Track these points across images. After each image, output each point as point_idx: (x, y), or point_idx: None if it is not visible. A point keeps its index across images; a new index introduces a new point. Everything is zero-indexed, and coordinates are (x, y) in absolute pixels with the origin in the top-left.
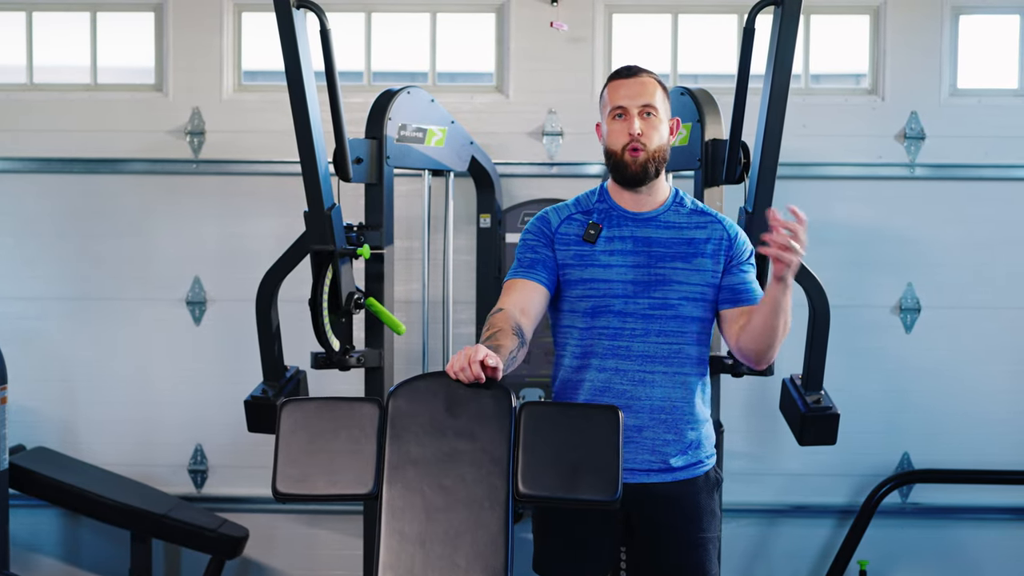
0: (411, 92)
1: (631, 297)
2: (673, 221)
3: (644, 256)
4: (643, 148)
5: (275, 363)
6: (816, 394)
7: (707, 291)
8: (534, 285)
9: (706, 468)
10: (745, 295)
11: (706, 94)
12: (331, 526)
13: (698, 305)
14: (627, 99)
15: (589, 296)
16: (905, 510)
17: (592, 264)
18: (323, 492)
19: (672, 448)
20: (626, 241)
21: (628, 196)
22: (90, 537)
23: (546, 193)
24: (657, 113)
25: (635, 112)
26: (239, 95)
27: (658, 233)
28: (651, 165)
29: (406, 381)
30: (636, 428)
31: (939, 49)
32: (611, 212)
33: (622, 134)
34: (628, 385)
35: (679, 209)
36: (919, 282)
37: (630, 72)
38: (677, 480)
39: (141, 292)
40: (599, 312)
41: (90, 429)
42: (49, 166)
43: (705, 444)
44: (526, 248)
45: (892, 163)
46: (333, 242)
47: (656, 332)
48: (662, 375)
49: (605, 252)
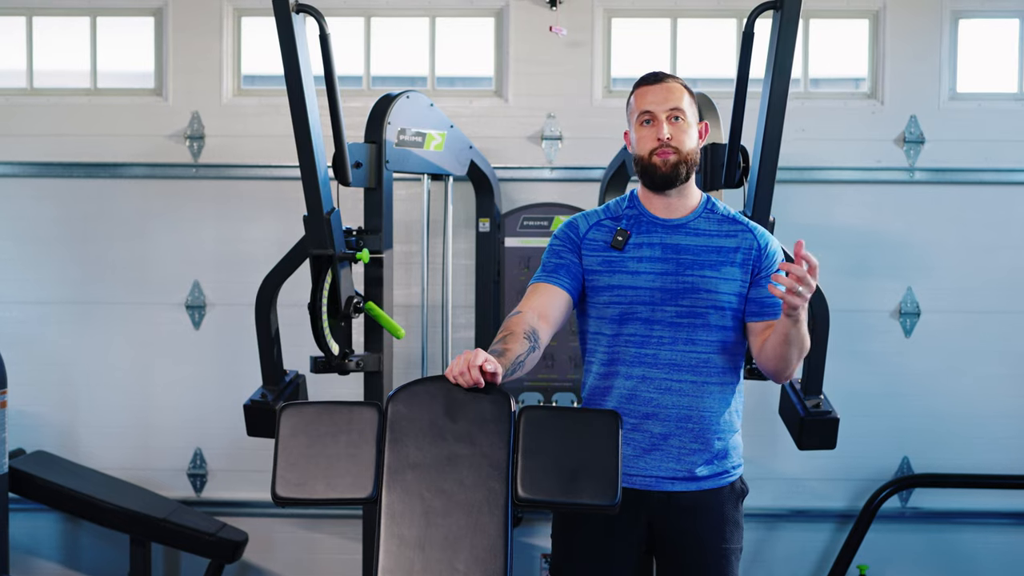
0: (410, 96)
1: (658, 304)
2: (703, 228)
3: (672, 263)
4: (674, 151)
5: (274, 367)
6: (816, 398)
7: (736, 300)
8: (556, 290)
9: (732, 478)
10: (771, 308)
11: (705, 98)
12: (330, 530)
13: (726, 314)
14: (654, 104)
15: (616, 303)
16: (905, 515)
17: (620, 271)
18: (322, 496)
19: (698, 457)
20: (655, 248)
21: (658, 202)
22: (89, 541)
23: (545, 197)
24: (685, 117)
25: (663, 117)
26: (239, 99)
27: (687, 240)
28: (682, 168)
29: (405, 385)
30: (662, 436)
31: (939, 53)
32: (640, 218)
33: (650, 139)
34: (655, 393)
35: (710, 216)
36: (919, 286)
37: (656, 78)
38: (702, 489)
39: (141, 296)
40: (626, 319)
41: (90, 433)
42: (49, 170)
43: (732, 454)
44: (552, 253)
45: (891, 167)
46: (332, 246)
47: (683, 340)
48: (690, 384)
49: (633, 259)
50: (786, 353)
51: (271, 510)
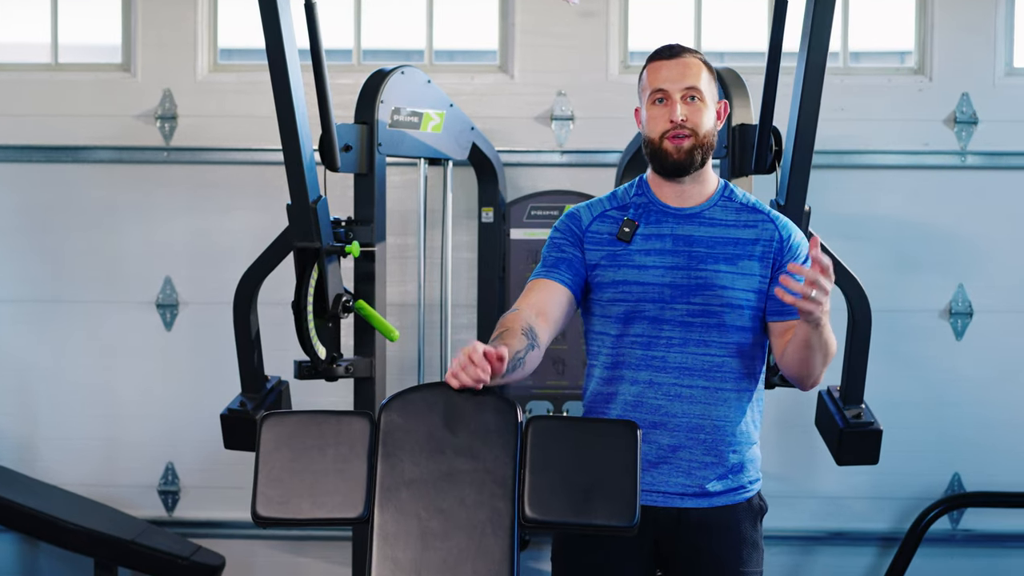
0: (405, 72)
1: (667, 302)
2: (719, 218)
3: (684, 256)
4: (690, 134)
5: (254, 373)
6: (856, 408)
7: (754, 298)
8: (555, 286)
9: (749, 494)
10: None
11: (733, 74)
12: (316, 553)
13: (743, 313)
14: (669, 82)
15: (621, 300)
16: (955, 537)
17: (625, 265)
18: (308, 516)
19: (711, 472)
20: (665, 240)
21: (669, 189)
22: (49, 564)
23: (555, 184)
24: (703, 96)
25: (678, 96)
26: (215, 76)
27: (701, 231)
28: (697, 153)
29: (400, 393)
30: (671, 448)
31: (993, 23)
32: (650, 207)
33: (662, 120)
34: (663, 400)
35: (727, 204)
36: (971, 283)
37: (672, 52)
38: (715, 506)
39: (106, 294)
40: (632, 318)
41: (49, 446)
42: (4, 154)
43: (749, 468)
44: (552, 247)
45: (940, 151)
46: (319, 239)
47: (695, 342)
48: (701, 390)
49: (641, 252)
50: (808, 358)
51: (251, 531)
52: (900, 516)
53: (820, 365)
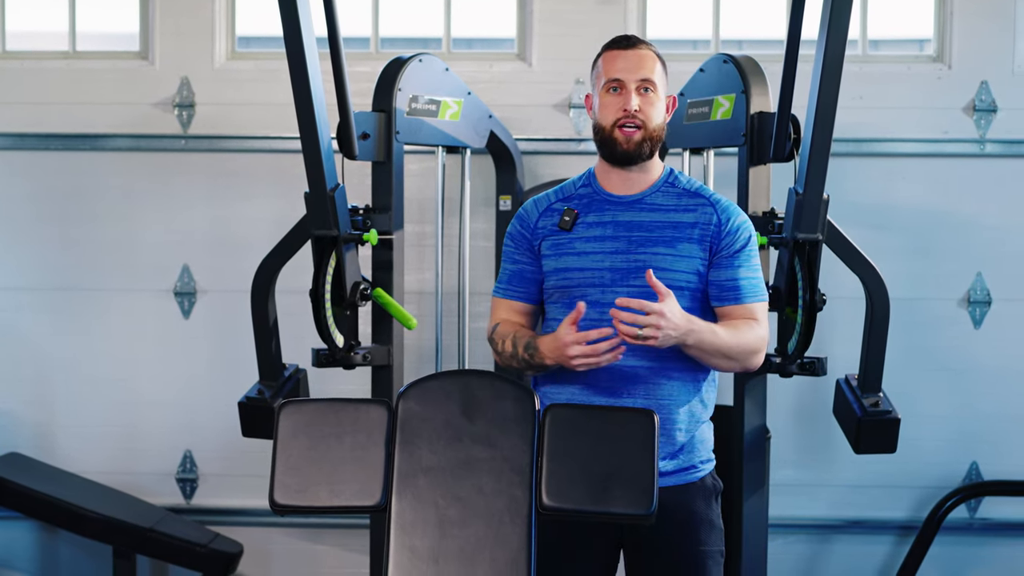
0: (423, 60)
1: (608, 286)
2: (660, 203)
3: (624, 241)
4: (641, 126)
5: (272, 361)
6: (874, 396)
7: (695, 279)
8: (515, 305)
9: (701, 473)
10: (731, 293)
11: (752, 62)
12: (334, 541)
13: (684, 295)
14: (624, 72)
15: (564, 286)
16: (973, 526)
17: (567, 252)
18: (325, 504)
19: (660, 451)
20: (606, 227)
21: (616, 177)
22: (68, 552)
23: (573, 172)
24: (656, 89)
25: (633, 87)
26: (233, 63)
27: (641, 216)
28: (646, 145)
29: (417, 381)
30: None
31: (1014, 11)
32: (594, 197)
33: (615, 109)
34: (609, 382)
35: (668, 190)
36: (990, 272)
37: (628, 43)
38: (665, 486)
39: (124, 282)
40: (575, 303)
41: (68, 433)
42: (23, 142)
43: (699, 448)
44: (505, 256)
45: (960, 139)
46: (337, 227)
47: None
48: (646, 370)
49: (581, 239)
50: (705, 360)
51: (268, 519)
52: (918, 505)
53: (724, 365)
